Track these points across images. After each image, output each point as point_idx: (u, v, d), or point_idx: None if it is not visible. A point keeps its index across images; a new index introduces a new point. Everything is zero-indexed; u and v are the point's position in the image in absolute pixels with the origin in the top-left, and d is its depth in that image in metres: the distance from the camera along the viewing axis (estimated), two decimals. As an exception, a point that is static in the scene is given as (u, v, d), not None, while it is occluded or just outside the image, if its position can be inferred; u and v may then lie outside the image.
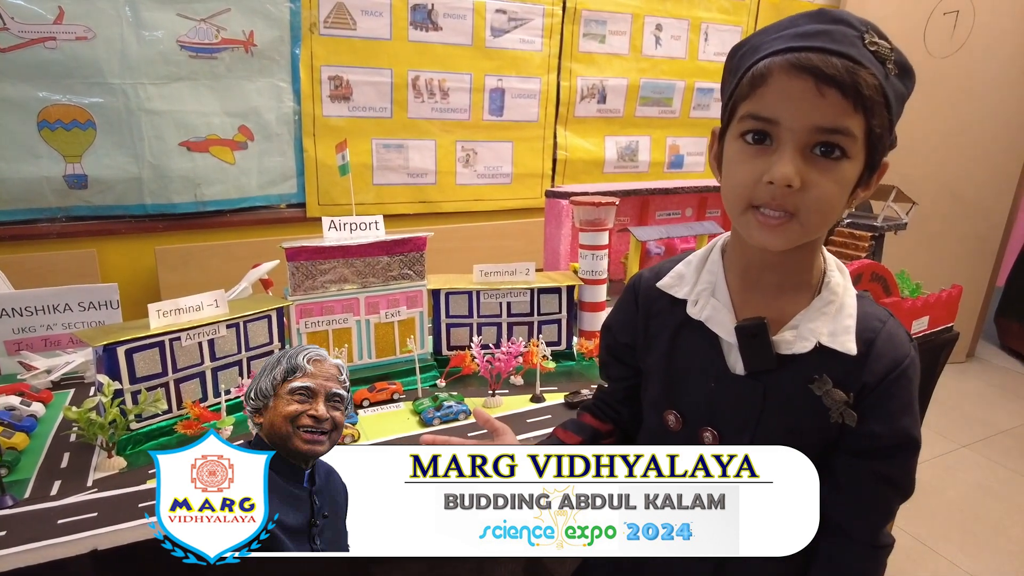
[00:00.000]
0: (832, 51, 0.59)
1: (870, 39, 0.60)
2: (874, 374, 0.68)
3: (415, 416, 1.17)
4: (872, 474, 0.71)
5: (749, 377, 0.71)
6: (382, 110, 2.47)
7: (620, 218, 1.95)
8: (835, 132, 0.60)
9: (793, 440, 0.69)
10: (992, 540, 2.13)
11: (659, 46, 2.92)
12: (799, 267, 0.71)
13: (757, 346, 0.69)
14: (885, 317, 0.71)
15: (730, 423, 0.73)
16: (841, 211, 0.65)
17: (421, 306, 1.32)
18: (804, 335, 0.69)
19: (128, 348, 1.01)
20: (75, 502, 0.89)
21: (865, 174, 0.64)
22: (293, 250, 1.19)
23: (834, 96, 0.59)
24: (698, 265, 0.77)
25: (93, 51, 1.96)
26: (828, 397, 0.68)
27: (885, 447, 0.70)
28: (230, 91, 2.21)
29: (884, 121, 0.62)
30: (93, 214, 2.11)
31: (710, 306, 0.74)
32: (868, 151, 0.63)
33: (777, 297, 0.71)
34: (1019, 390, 3.26)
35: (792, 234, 0.64)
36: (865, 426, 0.69)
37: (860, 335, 0.68)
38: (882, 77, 0.60)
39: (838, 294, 0.70)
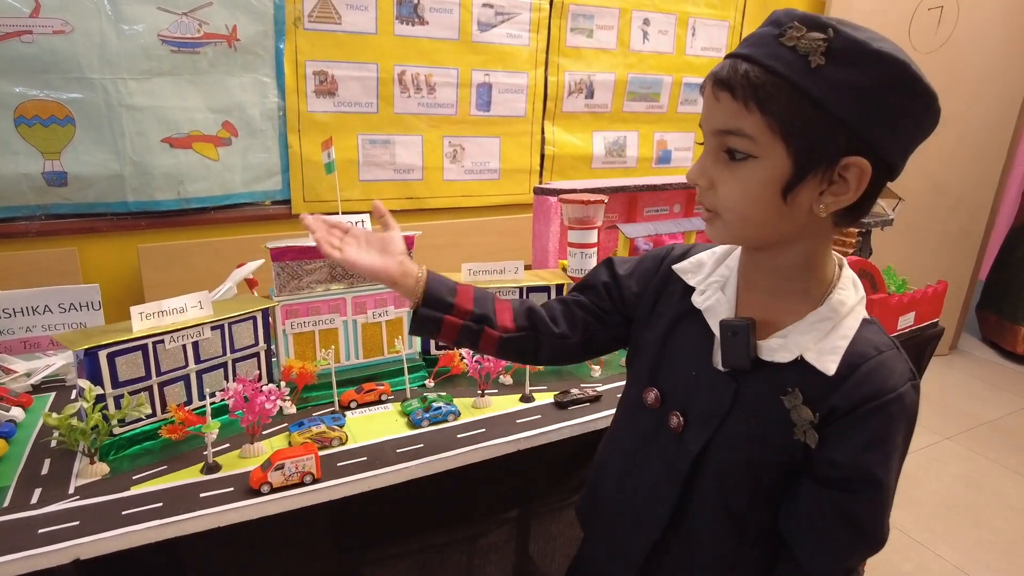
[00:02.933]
0: (737, 55, 0.62)
1: (792, 34, 0.59)
2: (847, 399, 0.65)
3: (404, 417, 1.16)
4: (833, 507, 0.68)
5: (727, 374, 0.72)
6: (368, 105, 2.44)
7: (608, 215, 1.94)
8: (728, 133, 0.63)
9: (754, 448, 0.70)
10: (975, 531, 2.16)
11: (647, 41, 2.92)
12: (790, 273, 0.70)
13: (736, 345, 0.70)
14: (885, 348, 0.67)
15: (699, 414, 0.74)
16: (772, 211, 0.64)
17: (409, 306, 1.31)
18: (789, 346, 0.68)
19: (110, 352, 0.99)
20: (57, 510, 0.87)
21: (800, 174, 0.61)
22: (278, 250, 1.17)
23: (726, 99, 0.62)
24: (719, 258, 0.79)
25: (71, 45, 1.92)
26: (796, 412, 0.67)
27: (846, 479, 0.66)
28: (213, 86, 2.17)
29: (803, 116, 0.59)
30: (73, 212, 2.07)
31: (714, 299, 0.75)
32: (792, 149, 0.60)
33: (774, 302, 0.71)
34: (1000, 382, 3.31)
35: (719, 230, 0.68)
36: (826, 451, 0.66)
37: (848, 358, 0.66)
38: (795, 71, 0.58)
39: (838, 312, 0.68)
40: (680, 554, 0.78)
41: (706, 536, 0.75)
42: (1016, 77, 3.10)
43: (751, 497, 0.72)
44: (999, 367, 3.49)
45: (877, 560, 1.90)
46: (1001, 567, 2.01)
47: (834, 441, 0.66)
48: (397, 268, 0.85)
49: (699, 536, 0.76)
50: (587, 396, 1.22)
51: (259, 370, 1.20)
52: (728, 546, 0.74)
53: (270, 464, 0.93)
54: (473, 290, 0.87)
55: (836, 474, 0.67)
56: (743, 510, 0.73)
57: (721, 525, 0.74)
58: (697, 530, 0.76)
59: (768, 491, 0.72)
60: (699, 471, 0.74)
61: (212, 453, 0.99)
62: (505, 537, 1.37)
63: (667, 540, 0.78)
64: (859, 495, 0.66)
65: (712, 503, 0.74)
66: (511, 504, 1.33)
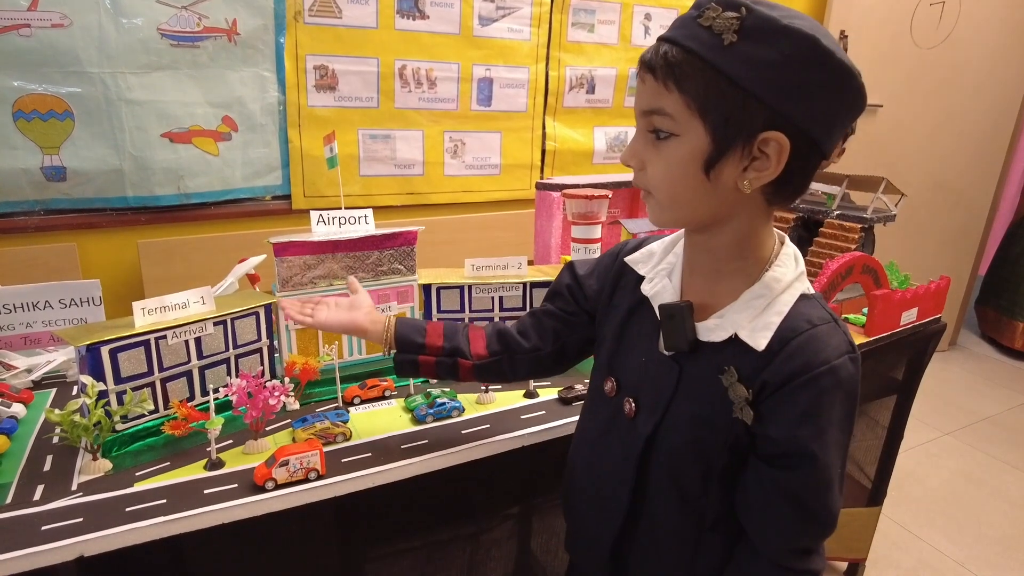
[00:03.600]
0: (663, 38, 0.65)
1: (708, 15, 0.61)
2: (777, 374, 0.66)
3: (407, 413, 1.15)
4: (774, 485, 0.69)
5: (671, 359, 0.73)
6: (368, 100, 2.43)
7: (611, 210, 1.94)
8: (652, 113, 0.65)
9: (700, 428, 0.72)
10: (975, 526, 2.17)
11: (648, 36, 2.90)
12: (728, 254, 0.71)
13: (675, 327, 0.71)
14: (820, 321, 0.68)
15: (648, 398, 0.76)
16: (698, 188, 0.65)
17: (412, 301, 1.31)
18: (725, 325, 0.69)
19: (112, 348, 0.98)
20: (59, 507, 0.86)
21: (719, 150, 0.63)
22: (281, 245, 1.16)
23: (649, 80, 0.65)
24: (668, 246, 0.80)
25: (70, 39, 1.90)
26: (732, 390, 0.68)
27: (783, 455, 0.67)
28: (213, 81, 2.16)
29: (718, 92, 0.61)
30: (73, 207, 2.05)
31: (660, 285, 0.76)
32: (710, 126, 0.62)
33: (715, 284, 0.72)
34: (1000, 378, 3.31)
35: (655, 210, 0.70)
36: (761, 428, 0.68)
37: (780, 333, 0.66)
38: (709, 49, 0.60)
39: (772, 289, 0.68)
40: (644, 540, 0.79)
41: (665, 521, 0.77)
42: (1017, 73, 3.09)
43: (703, 480, 0.73)
44: (998, 363, 3.50)
45: (877, 556, 1.91)
46: (1001, 562, 2.01)
47: (768, 417, 0.67)
48: (365, 319, 0.97)
49: (659, 521, 0.77)
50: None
51: (262, 366, 1.19)
52: (687, 531, 0.75)
53: (274, 460, 0.92)
54: (443, 326, 0.95)
55: (774, 450, 0.68)
56: (697, 493, 0.74)
57: (678, 509, 0.75)
58: (656, 515, 0.77)
59: (720, 474, 0.72)
60: (651, 455, 0.76)
61: (216, 449, 0.99)
62: (508, 533, 1.37)
63: (631, 526, 0.79)
64: (797, 471, 0.67)
65: (666, 487, 0.75)
66: (514, 500, 1.33)
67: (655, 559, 0.79)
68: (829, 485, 0.68)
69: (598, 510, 0.83)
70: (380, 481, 0.97)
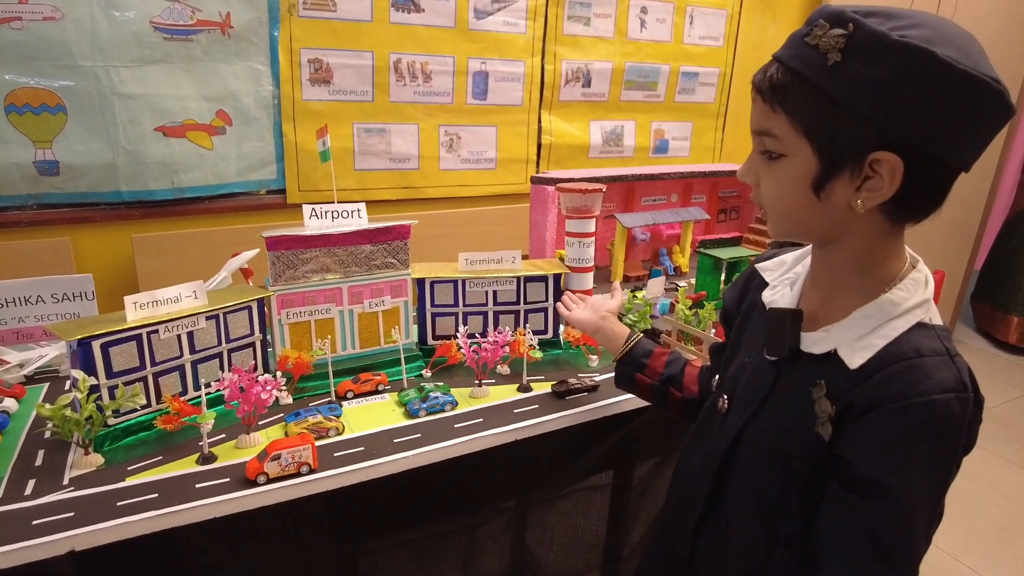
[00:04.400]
0: (774, 57, 0.65)
1: (815, 33, 0.60)
2: (865, 397, 0.62)
3: (400, 407, 1.15)
4: (850, 511, 0.64)
5: (771, 363, 0.74)
6: (363, 94, 2.42)
7: (606, 204, 1.94)
8: (761, 134, 0.66)
9: (784, 437, 0.71)
10: (968, 519, 2.18)
11: (644, 29, 2.89)
12: (844, 270, 0.70)
13: (779, 332, 0.71)
14: (929, 352, 0.62)
15: (741, 398, 0.78)
16: (808, 209, 0.65)
17: (406, 295, 1.30)
18: (829, 339, 0.68)
19: (104, 342, 0.98)
20: (51, 501, 0.86)
21: (828, 171, 0.62)
22: (273, 239, 1.16)
23: (759, 101, 0.66)
24: (800, 256, 0.82)
25: (62, 32, 1.89)
26: (819, 404, 0.66)
27: (860, 482, 0.63)
28: (207, 74, 2.14)
29: (824, 113, 0.60)
30: (66, 201, 2.04)
31: (779, 294, 0.78)
32: (817, 147, 0.61)
33: (832, 299, 0.72)
34: (994, 372, 3.32)
35: (770, 225, 0.71)
36: (840, 449, 0.65)
37: (881, 356, 0.63)
38: (813, 70, 0.60)
39: (886, 312, 0.65)
40: (717, 536, 0.80)
41: (737, 522, 0.76)
42: (1014, 66, 3.09)
43: (781, 490, 0.71)
44: (993, 357, 3.51)
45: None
46: (994, 555, 2.02)
47: (848, 439, 0.64)
48: (597, 319, 1.13)
49: (731, 521, 0.77)
50: (585, 386, 1.22)
51: (255, 360, 1.19)
52: (759, 539, 0.74)
53: (266, 454, 0.92)
54: (669, 354, 1.03)
55: (851, 475, 0.64)
56: (773, 503, 0.72)
57: (751, 515, 0.74)
58: (731, 515, 0.77)
59: (800, 488, 0.70)
60: (735, 455, 0.76)
61: (208, 444, 0.98)
62: (502, 526, 1.37)
63: (707, 519, 0.81)
64: (874, 502, 0.62)
65: (744, 490, 0.75)
66: (509, 493, 1.33)
67: (725, 559, 0.79)
68: (907, 521, 0.63)
69: (685, 495, 0.86)
70: (372, 475, 0.97)
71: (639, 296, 1.45)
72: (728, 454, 0.77)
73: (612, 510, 1.42)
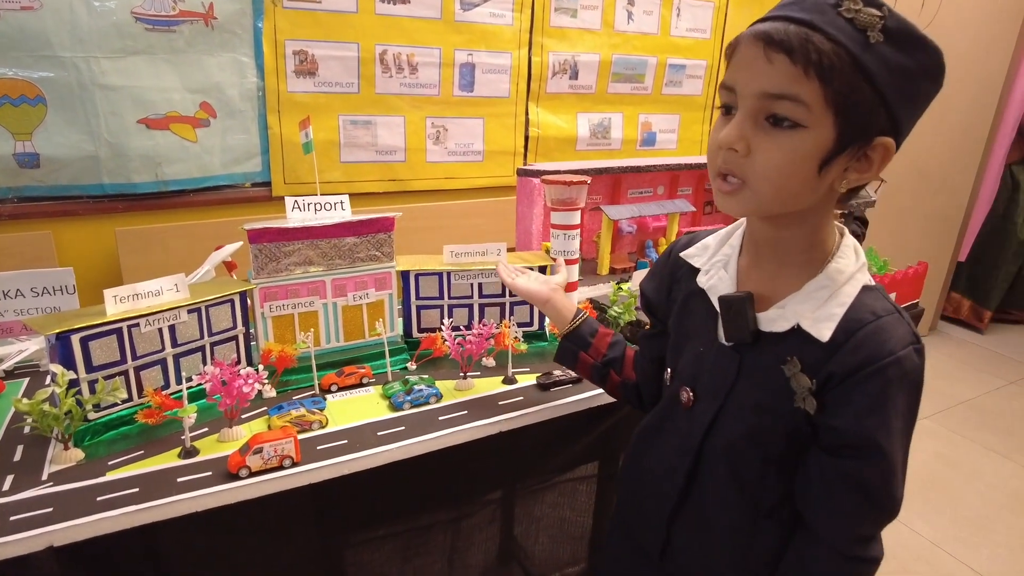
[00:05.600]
0: (792, 18, 0.60)
1: (849, 5, 0.58)
2: (843, 365, 0.65)
3: (385, 400, 1.15)
4: (839, 475, 0.68)
5: (731, 348, 0.74)
6: (349, 85, 2.41)
7: (592, 197, 1.94)
8: (782, 98, 0.60)
9: (760, 418, 0.72)
10: (950, 507, 2.21)
11: (631, 21, 2.89)
12: (794, 245, 0.70)
13: (735, 318, 0.71)
14: (884, 312, 0.66)
15: (707, 388, 0.77)
16: (806, 184, 0.63)
17: (390, 288, 1.30)
18: (787, 315, 0.69)
19: (83, 336, 0.97)
20: (30, 497, 0.86)
21: (839, 148, 0.61)
22: (256, 232, 1.15)
23: (782, 62, 0.59)
24: (723, 238, 0.81)
25: (40, 22, 1.86)
26: (795, 380, 0.68)
27: (848, 446, 0.67)
28: (190, 66, 2.12)
29: (857, 91, 0.59)
30: (47, 194, 2.02)
31: (716, 277, 0.77)
32: (840, 123, 0.60)
33: (776, 275, 0.72)
34: (977, 363, 3.36)
35: (746, 201, 0.66)
36: (826, 418, 0.67)
37: (845, 324, 0.66)
38: (855, 44, 0.58)
39: (835, 280, 0.68)
40: (696, 526, 0.80)
41: (719, 506, 0.77)
42: (998, 61, 3.11)
43: (761, 467, 0.73)
44: (976, 347, 3.55)
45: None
46: (976, 542, 2.05)
47: (833, 408, 0.66)
48: (548, 292, 1.06)
49: (712, 508, 0.78)
50: (569, 378, 1.22)
51: (237, 354, 1.18)
52: (742, 518, 0.76)
53: (248, 448, 0.92)
54: (612, 335, 1.01)
55: (838, 441, 0.67)
56: (754, 480, 0.74)
57: (733, 496, 0.76)
58: (709, 502, 0.78)
59: (778, 461, 0.73)
60: (709, 443, 0.77)
61: (190, 437, 0.98)
62: (489, 518, 1.37)
63: (684, 508, 0.81)
64: (863, 461, 0.66)
65: (723, 474, 0.76)
66: (494, 486, 1.33)
67: (707, 545, 0.79)
68: (893, 473, 0.67)
69: (653, 492, 0.84)
70: (356, 468, 0.97)
71: (624, 288, 1.46)
72: (702, 443, 0.77)
73: (598, 501, 1.43)
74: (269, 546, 1.00)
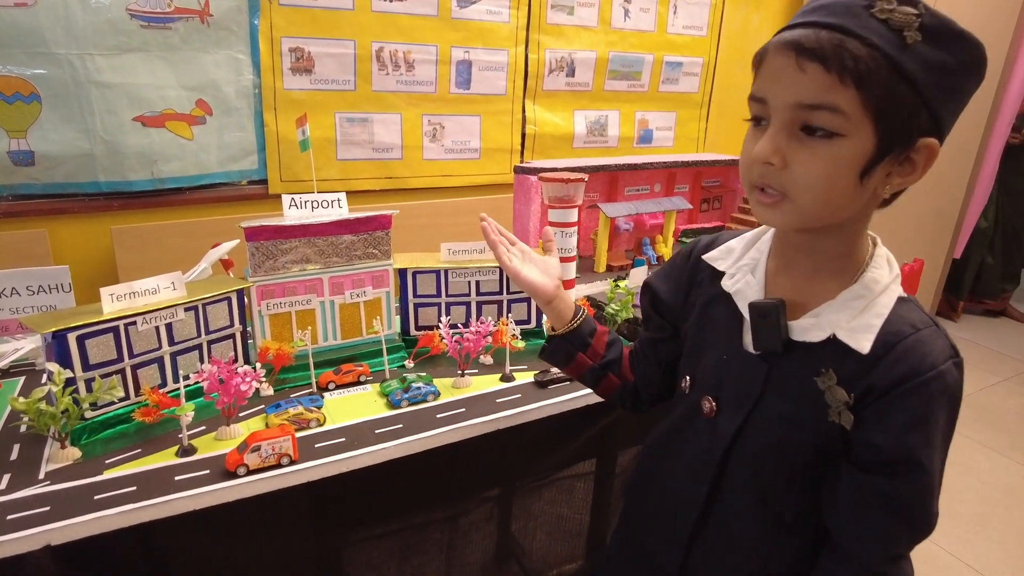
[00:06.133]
0: (823, 24, 0.57)
1: (882, 6, 0.56)
2: (884, 379, 0.62)
3: (382, 398, 1.15)
4: (876, 493, 0.65)
5: (758, 357, 0.71)
6: (345, 83, 2.40)
7: (589, 194, 1.94)
8: (818, 108, 0.58)
9: (788, 430, 0.69)
10: (946, 504, 2.20)
11: (628, 18, 2.89)
12: (832, 253, 0.68)
13: (767, 326, 0.68)
14: (923, 325, 0.64)
15: (730, 397, 0.74)
16: (849, 193, 0.61)
17: (387, 286, 1.30)
18: (822, 324, 0.66)
19: (80, 334, 0.97)
20: (27, 495, 0.86)
21: (880, 154, 0.59)
22: (252, 229, 1.15)
23: (815, 71, 0.57)
24: (749, 242, 0.78)
25: (34, 18, 1.85)
26: (830, 393, 0.64)
27: (887, 463, 0.64)
28: (186, 63, 2.11)
29: (896, 94, 0.57)
30: (42, 192, 2.01)
31: (743, 282, 0.74)
32: (880, 128, 0.58)
33: (809, 283, 0.69)
34: (974, 360, 3.38)
35: (788, 214, 0.63)
36: (864, 434, 0.64)
37: (883, 337, 0.63)
38: (892, 47, 0.56)
39: (871, 290, 0.65)
40: (718, 537, 0.77)
41: (742, 520, 0.74)
42: (994, 57, 3.11)
43: (787, 481, 0.71)
44: (971, 344, 3.56)
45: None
46: (970, 538, 2.06)
47: (872, 423, 0.63)
48: (553, 289, 0.92)
49: (735, 520, 0.75)
50: (567, 375, 1.22)
51: (235, 352, 1.18)
52: (764, 531, 0.73)
53: (246, 446, 0.92)
54: (607, 334, 0.94)
55: (876, 458, 0.64)
56: (779, 494, 0.71)
57: (756, 509, 0.73)
58: (733, 514, 0.75)
59: (804, 475, 0.70)
60: (733, 455, 0.73)
61: (187, 436, 0.98)
62: (486, 515, 1.38)
63: (704, 522, 0.77)
64: (902, 479, 0.64)
65: (747, 487, 0.73)
66: (492, 483, 1.33)
67: (728, 557, 0.76)
68: (932, 491, 0.65)
69: (672, 504, 0.81)
70: (354, 466, 0.97)
71: (622, 285, 1.46)
72: (725, 455, 0.73)
73: (595, 498, 1.43)
74: (267, 544, 1.00)
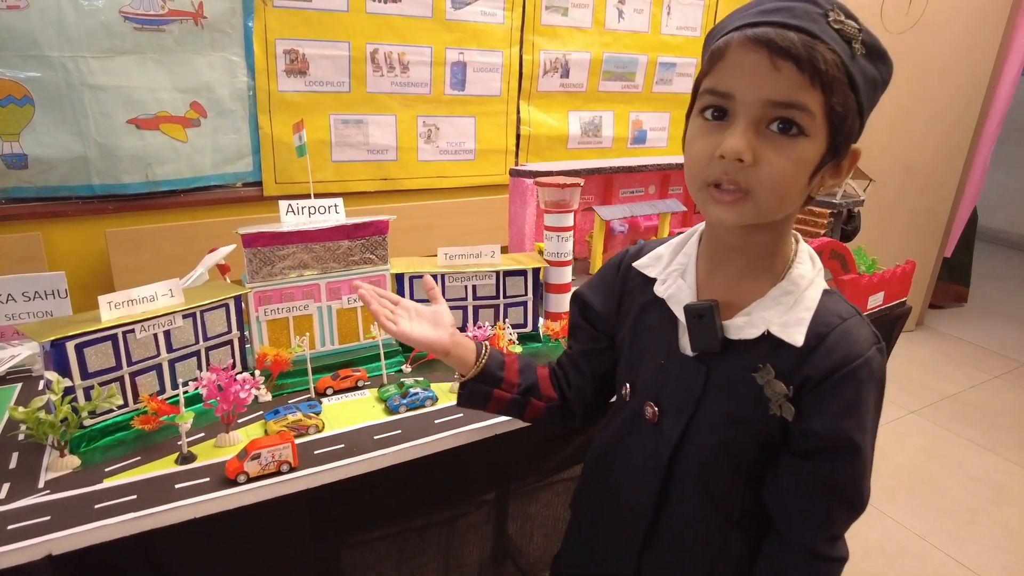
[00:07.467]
0: (791, 26, 0.58)
1: (835, 17, 0.59)
2: (818, 369, 0.66)
3: (381, 403, 1.16)
4: (813, 478, 0.69)
5: (696, 359, 0.72)
6: (340, 85, 2.40)
7: (584, 196, 1.95)
8: (790, 107, 0.59)
9: (733, 428, 0.71)
10: (937, 501, 2.24)
11: (622, 19, 2.90)
12: (763, 252, 0.70)
13: (703, 327, 0.70)
14: (848, 315, 0.68)
15: (672, 401, 0.75)
16: (799, 193, 0.64)
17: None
18: (755, 322, 0.68)
19: (78, 343, 0.97)
20: (26, 505, 0.85)
21: (828, 157, 0.62)
22: (250, 236, 1.15)
23: (789, 70, 0.58)
24: (676, 247, 0.79)
25: (27, 21, 1.84)
26: (769, 387, 0.67)
27: (825, 448, 0.67)
28: (180, 66, 2.11)
29: (848, 102, 0.60)
30: (36, 196, 2.00)
31: (675, 286, 0.75)
32: (831, 132, 0.61)
33: (739, 282, 0.71)
34: (964, 357, 3.41)
35: (746, 212, 0.63)
36: (803, 423, 0.67)
37: (814, 329, 0.66)
38: (846, 56, 0.59)
39: (799, 285, 0.69)
40: (668, 540, 0.78)
41: (691, 521, 0.76)
42: (984, 58, 3.14)
43: (732, 478, 0.73)
44: (962, 342, 3.60)
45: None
46: (961, 535, 2.09)
47: (810, 412, 0.67)
48: (450, 340, 0.88)
49: (685, 522, 0.77)
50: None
51: (233, 358, 1.19)
52: (714, 529, 0.75)
53: (246, 454, 0.92)
54: (517, 360, 0.92)
55: (814, 444, 0.68)
56: (726, 492, 0.74)
57: (705, 510, 0.75)
58: (681, 516, 0.77)
59: (748, 471, 0.73)
60: (679, 459, 0.75)
61: (187, 443, 0.98)
62: (483, 518, 1.38)
63: (655, 528, 0.79)
64: (837, 462, 0.67)
65: (695, 489, 0.75)
66: (489, 486, 1.34)
67: (680, 560, 0.78)
68: (865, 471, 0.69)
69: (620, 512, 0.82)
70: (353, 472, 0.98)
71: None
72: (671, 460, 0.75)
73: (592, 500, 1.44)
74: (266, 551, 1.01)
